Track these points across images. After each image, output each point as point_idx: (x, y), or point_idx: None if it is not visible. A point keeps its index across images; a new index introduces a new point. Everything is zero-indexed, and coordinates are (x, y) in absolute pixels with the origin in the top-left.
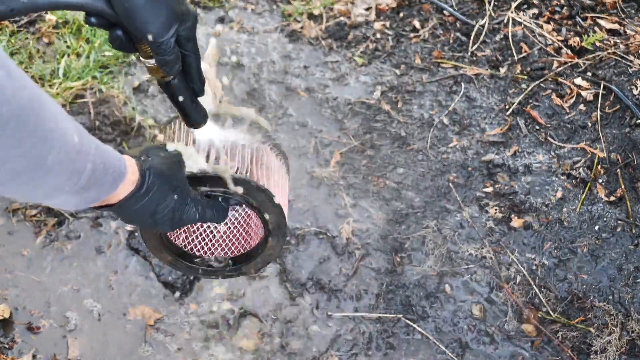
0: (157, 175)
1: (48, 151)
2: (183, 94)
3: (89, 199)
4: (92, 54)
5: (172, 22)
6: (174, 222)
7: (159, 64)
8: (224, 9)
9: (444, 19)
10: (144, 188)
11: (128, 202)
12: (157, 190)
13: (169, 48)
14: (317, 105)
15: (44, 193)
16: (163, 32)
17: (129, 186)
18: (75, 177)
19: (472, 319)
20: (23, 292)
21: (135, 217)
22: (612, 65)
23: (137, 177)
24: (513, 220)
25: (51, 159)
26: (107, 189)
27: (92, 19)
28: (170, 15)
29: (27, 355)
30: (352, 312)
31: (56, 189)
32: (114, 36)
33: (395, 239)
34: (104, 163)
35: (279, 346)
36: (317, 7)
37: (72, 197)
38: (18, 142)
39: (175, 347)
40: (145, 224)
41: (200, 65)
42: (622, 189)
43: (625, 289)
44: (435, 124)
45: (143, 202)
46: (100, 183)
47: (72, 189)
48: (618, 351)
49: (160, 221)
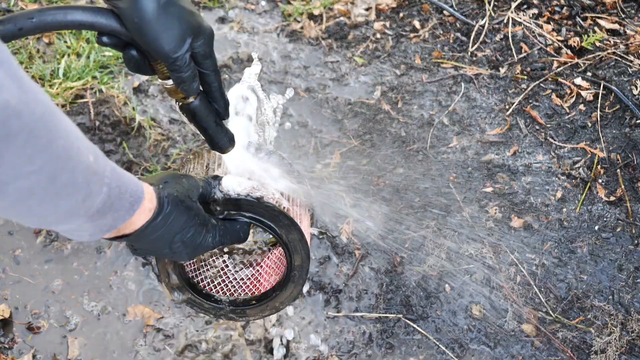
0: (175, 204)
1: (61, 170)
2: (206, 116)
3: (105, 226)
4: (92, 54)
5: (186, 36)
6: (192, 251)
7: (176, 83)
8: (224, 9)
9: (444, 19)
10: (161, 216)
11: (145, 231)
12: (174, 218)
13: (184, 64)
14: (317, 105)
15: (57, 217)
16: (177, 47)
17: (146, 214)
18: (90, 200)
19: (472, 319)
20: (23, 292)
21: (152, 246)
22: (612, 65)
23: (155, 204)
24: (513, 220)
25: (64, 178)
26: (123, 215)
27: (105, 38)
28: (183, 28)
29: (27, 355)
30: (352, 312)
31: (70, 213)
32: (129, 56)
33: (395, 239)
34: (120, 187)
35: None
36: (317, 7)
37: (87, 224)
38: (28, 159)
39: (175, 347)
40: (161, 254)
41: (222, 85)
42: (622, 189)
43: (625, 289)
44: (435, 124)
45: (161, 231)
46: (116, 208)
47: (87, 213)
48: (618, 351)
49: (177, 250)
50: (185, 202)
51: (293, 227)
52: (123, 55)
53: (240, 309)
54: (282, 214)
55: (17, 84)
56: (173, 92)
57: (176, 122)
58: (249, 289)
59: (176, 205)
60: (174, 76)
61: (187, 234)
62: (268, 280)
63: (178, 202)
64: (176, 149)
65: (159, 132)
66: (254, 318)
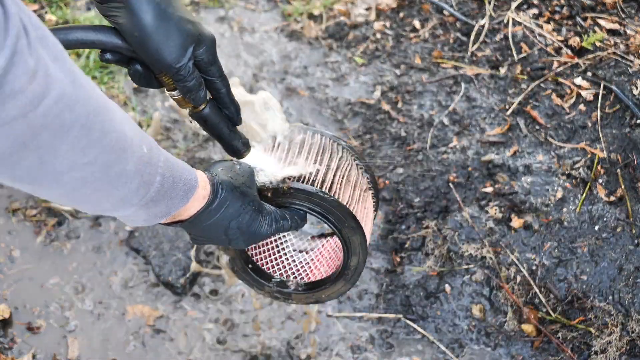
0: (229, 190)
1: (114, 161)
2: (218, 123)
3: (159, 213)
4: (92, 54)
5: (187, 45)
6: (248, 237)
7: (182, 93)
8: (224, 9)
9: (444, 19)
10: (216, 202)
11: (200, 218)
12: (229, 205)
13: (188, 73)
14: (317, 105)
15: (111, 205)
16: (179, 57)
17: (200, 201)
18: (144, 189)
19: (472, 319)
20: (23, 292)
21: (208, 233)
22: (612, 65)
23: (209, 191)
24: (513, 220)
25: (117, 169)
26: (177, 203)
27: (108, 55)
28: (183, 38)
29: (27, 355)
30: (352, 312)
31: (124, 201)
32: (133, 71)
33: (395, 239)
34: (174, 176)
35: (280, 347)
36: (317, 7)
37: (141, 211)
38: (82, 151)
39: (175, 346)
40: (218, 240)
41: (231, 90)
42: (622, 189)
43: (625, 289)
44: (435, 124)
45: (215, 217)
46: (170, 196)
47: (141, 201)
48: (618, 351)
49: (233, 237)
50: (239, 188)
51: (358, 230)
52: (128, 70)
53: (287, 291)
54: (349, 215)
55: (70, 79)
56: (182, 102)
57: (176, 122)
58: (299, 274)
59: (231, 191)
60: (179, 86)
61: (243, 220)
62: (319, 269)
63: (233, 188)
64: (176, 149)
65: (159, 132)
66: (297, 302)
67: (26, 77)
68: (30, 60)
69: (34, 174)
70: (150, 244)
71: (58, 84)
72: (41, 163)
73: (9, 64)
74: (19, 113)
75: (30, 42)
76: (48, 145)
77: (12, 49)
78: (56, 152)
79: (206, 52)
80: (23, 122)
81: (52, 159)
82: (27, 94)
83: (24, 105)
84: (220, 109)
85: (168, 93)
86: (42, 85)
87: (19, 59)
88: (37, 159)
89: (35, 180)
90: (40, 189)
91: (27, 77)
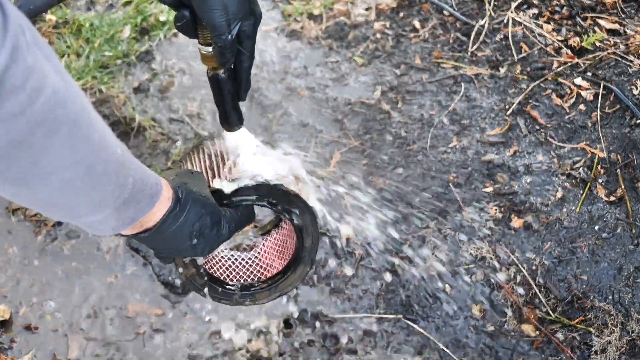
0: (189, 193)
1: (97, 161)
2: (228, 91)
3: (128, 218)
4: (92, 54)
5: (239, 16)
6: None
7: (215, 54)
8: None
9: (444, 19)
10: (179, 205)
11: (165, 223)
12: (191, 207)
13: (229, 41)
14: (317, 105)
15: (88, 208)
16: (228, 26)
17: (165, 203)
18: (118, 190)
19: (472, 319)
20: (23, 292)
21: (174, 241)
22: (612, 65)
23: (172, 194)
24: (513, 220)
25: (100, 169)
26: (144, 207)
27: None
28: (239, 9)
29: (27, 355)
30: (352, 312)
31: (100, 204)
32: (181, 15)
33: (395, 239)
34: (142, 179)
35: (280, 349)
36: (317, 7)
37: (113, 216)
38: (71, 149)
39: (175, 346)
40: (184, 249)
41: (251, 68)
42: (622, 189)
43: (625, 289)
44: (435, 124)
45: (180, 220)
46: (138, 199)
47: (115, 204)
48: (618, 351)
49: (198, 243)
50: (197, 192)
51: (307, 209)
52: (176, 13)
53: (250, 292)
54: (297, 197)
55: (60, 77)
56: (208, 59)
57: (176, 122)
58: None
59: (190, 193)
60: (216, 48)
61: (206, 223)
62: (270, 264)
63: (191, 191)
64: (176, 149)
65: (158, 132)
66: (263, 301)
67: (25, 73)
68: (29, 58)
69: (24, 175)
70: None
71: (51, 81)
72: (33, 163)
73: (10, 60)
74: (18, 110)
75: (27, 41)
76: (41, 143)
77: (12, 47)
78: (47, 151)
79: (251, 26)
80: (21, 119)
81: (43, 158)
82: (26, 90)
83: (22, 102)
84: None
85: (200, 46)
86: (39, 82)
87: (18, 56)
88: (29, 159)
89: (24, 181)
90: (25, 192)
91: (26, 73)
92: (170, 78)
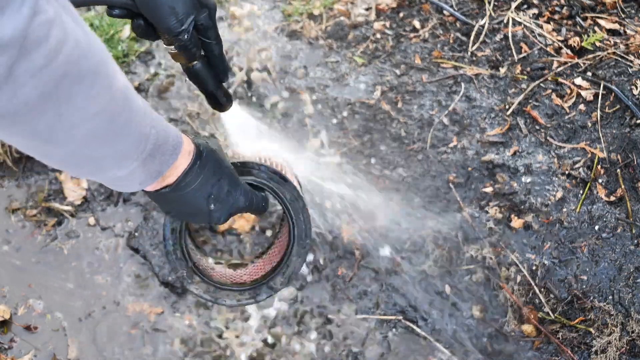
0: (209, 152)
1: (120, 110)
2: (207, 78)
3: (154, 172)
4: None
5: (190, 13)
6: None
7: (178, 50)
8: (224, 9)
9: (444, 19)
10: (200, 160)
11: (186, 178)
12: (210, 167)
13: (186, 38)
14: (316, 105)
15: (113, 161)
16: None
17: (186, 157)
18: (142, 142)
19: (472, 319)
20: (23, 292)
21: (193, 200)
22: (612, 65)
23: (193, 148)
24: (513, 220)
25: (123, 118)
26: (167, 159)
27: (116, 10)
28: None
29: (27, 355)
30: (352, 313)
31: (125, 156)
32: (137, 25)
33: (395, 239)
34: (165, 130)
35: (281, 350)
36: (317, 7)
37: (139, 169)
38: (94, 99)
39: (175, 345)
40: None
41: (223, 52)
42: (622, 189)
43: (625, 289)
44: (435, 124)
45: (200, 179)
46: (162, 151)
47: (140, 156)
48: (618, 351)
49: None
50: (217, 152)
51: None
52: (131, 23)
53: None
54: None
55: (81, 29)
56: (177, 56)
57: (176, 122)
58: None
59: (211, 152)
60: (176, 45)
61: (223, 186)
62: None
63: (211, 150)
64: None
65: None
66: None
67: (48, 25)
68: (50, 9)
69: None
70: (150, 243)
71: (72, 32)
72: (59, 115)
73: (33, 13)
74: (44, 62)
75: None
76: (66, 95)
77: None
78: (73, 103)
79: (206, 18)
80: (48, 70)
81: (69, 110)
82: (50, 41)
83: (47, 54)
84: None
85: (165, 46)
86: (61, 33)
87: (40, 7)
88: (56, 111)
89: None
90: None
91: (48, 25)
92: (170, 78)
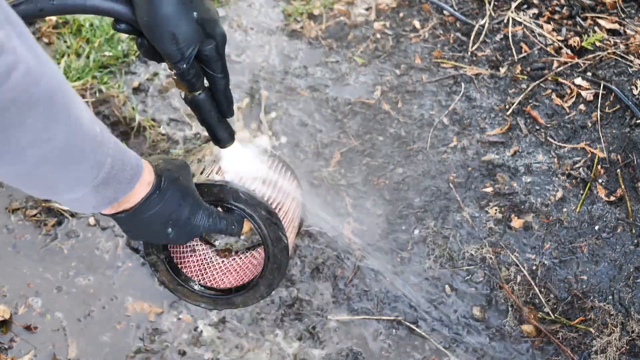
0: (171, 180)
1: (73, 138)
2: (209, 111)
3: (107, 198)
4: (92, 53)
5: (193, 42)
6: (186, 233)
7: (178, 79)
8: (224, 8)
9: (444, 19)
10: (159, 190)
11: (144, 206)
12: (171, 194)
13: (186, 68)
14: (317, 105)
15: (66, 185)
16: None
17: (145, 186)
18: (96, 169)
19: (472, 320)
20: (23, 292)
21: (150, 225)
22: (612, 65)
23: (153, 178)
24: (513, 220)
25: (76, 146)
26: (124, 187)
27: (122, 25)
28: (191, 34)
29: (27, 355)
30: (352, 313)
31: (78, 181)
32: (140, 43)
33: (395, 239)
34: (122, 159)
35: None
36: (317, 7)
37: (91, 194)
38: (46, 126)
39: (176, 344)
40: (158, 235)
41: (229, 86)
42: (622, 189)
43: (625, 288)
44: (435, 124)
45: (159, 206)
46: (119, 179)
47: (93, 182)
48: (618, 351)
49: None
50: (180, 180)
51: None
52: (136, 40)
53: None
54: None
55: (33, 55)
56: (179, 83)
57: (176, 122)
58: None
59: (173, 181)
60: (175, 74)
61: (184, 212)
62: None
63: (174, 178)
64: (176, 149)
65: (158, 132)
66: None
67: None
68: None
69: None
70: None
71: (24, 58)
72: (6, 138)
73: None
74: None
75: None
76: (16, 120)
77: None
78: (21, 128)
79: (213, 49)
80: None
81: (18, 134)
82: None
83: None
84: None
85: (170, 71)
86: (10, 59)
87: None
88: (4, 134)
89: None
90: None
91: None
92: (170, 78)
